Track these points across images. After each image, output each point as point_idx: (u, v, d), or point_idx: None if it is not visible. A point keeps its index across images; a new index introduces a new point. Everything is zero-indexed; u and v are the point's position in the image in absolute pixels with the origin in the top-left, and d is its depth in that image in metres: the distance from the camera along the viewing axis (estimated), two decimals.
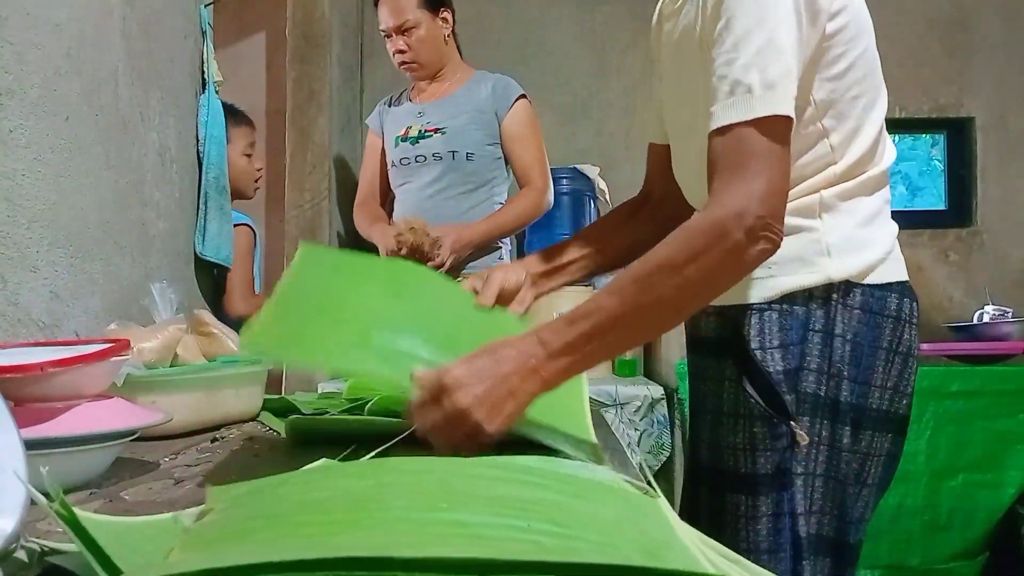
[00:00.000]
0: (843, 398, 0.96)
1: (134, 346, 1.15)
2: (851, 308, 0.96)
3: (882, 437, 1.00)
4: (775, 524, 0.96)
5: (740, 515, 0.98)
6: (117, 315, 1.45)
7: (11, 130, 1.18)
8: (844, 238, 0.96)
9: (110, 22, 1.47)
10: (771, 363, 0.95)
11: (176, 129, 1.79)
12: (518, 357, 0.79)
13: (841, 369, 0.95)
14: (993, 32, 3.16)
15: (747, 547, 0.96)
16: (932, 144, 3.31)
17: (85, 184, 1.37)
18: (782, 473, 0.95)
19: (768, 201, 0.81)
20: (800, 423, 0.95)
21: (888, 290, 0.98)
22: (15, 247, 1.19)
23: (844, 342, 0.95)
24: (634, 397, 2.39)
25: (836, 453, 0.96)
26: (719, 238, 0.80)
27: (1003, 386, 2.48)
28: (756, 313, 0.97)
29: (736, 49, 0.84)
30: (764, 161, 0.82)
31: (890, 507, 2.47)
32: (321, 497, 0.56)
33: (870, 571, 2.49)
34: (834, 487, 0.97)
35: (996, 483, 2.47)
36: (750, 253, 0.81)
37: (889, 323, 0.98)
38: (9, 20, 1.17)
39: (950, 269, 3.14)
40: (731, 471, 0.99)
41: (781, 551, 0.95)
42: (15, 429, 0.61)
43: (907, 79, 3.13)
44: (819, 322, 0.95)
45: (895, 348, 0.98)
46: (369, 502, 0.54)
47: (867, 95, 0.97)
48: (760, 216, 0.80)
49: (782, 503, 0.96)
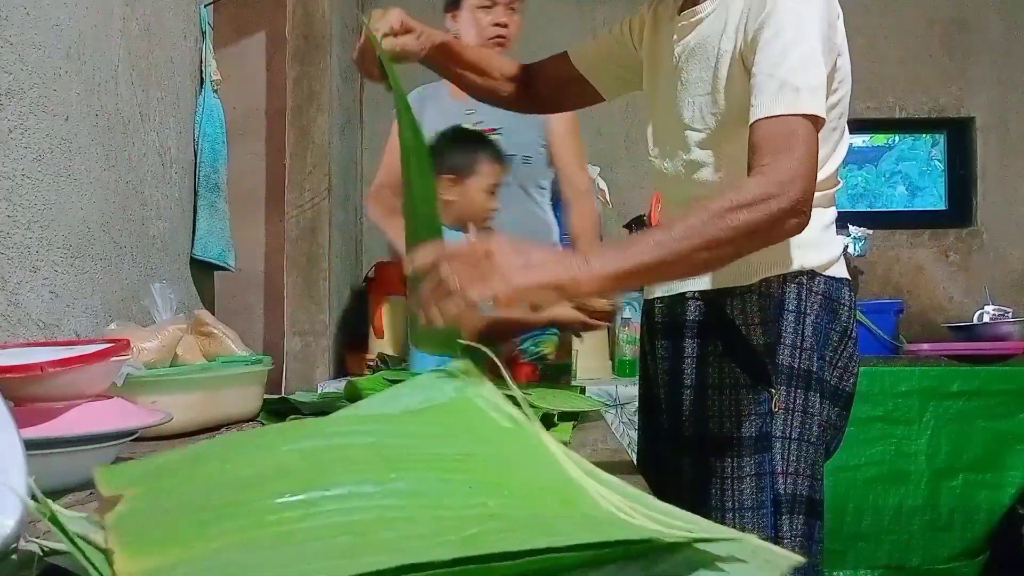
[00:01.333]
0: (814, 368, 1.09)
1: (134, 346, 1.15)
2: (815, 293, 1.10)
3: (831, 409, 1.13)
4: (758, 483, 1.07)
5: (726, 476, 1.09)
6: (117, 315, 1.46)
7: (11, 130, 1.18)
8: (811, 236, 1.06)
9: (110, 22, 1.47)
10: (754, 337, 1.09)
11: (176, 129, 1.79)
12: (560, 257, 0.89)
13: (812, 343, 1.09)
14: (993, 32, 3.16)
15: (732, 505, 1.08)
16: (932, 144, 3.31)
17: (85, 184, 1.37)
18: (763, 437, 1.07)
19: (808, 182, 0.90)
20: (778, 391, 1.08)
21: (842, 283, 1.14)
22: (15, 247, 1.19)
23: (811, 322, 1.09)
24: (634, 397, 2.38)
25: (809, 418, 1.08)
26: (766, 200, 0.88)
27: (1003, 386, 2.48)
28: (739, 296, 1.10)
29: (784, 55, 0.96)
30: (806, 149, 0.92)
31: (890, 507, 2.47)
32: (250, 475, 0.53)
33: (870, 571, 2.49)
34: (807, 449, 1.09)
35: (996, 483, 2.47)
36: (788, 223, 0.91)
37: (844, 310, 1.13)
38: (9, 20, 1.17)
39: (950, 269, 3.14)
40: (716, 437, 1.10)
41: (763, 508, 1.07)
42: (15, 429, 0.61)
43: (907, 79, 3.13)
44: (792, 303, 1.09)
45: (846, 332, 1.14)
46: (311, 478, 0.51)
47: (840, 130, 1.14)
48: (803, 192, 0.90)
49: (763, 463, 1.07)
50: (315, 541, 0.45)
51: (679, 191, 1.17)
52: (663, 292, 1.19)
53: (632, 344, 2.70)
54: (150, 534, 0.47)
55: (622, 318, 2.74)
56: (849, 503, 2.46)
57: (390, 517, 0.48)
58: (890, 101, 3.12)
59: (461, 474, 0.54)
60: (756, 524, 1.06)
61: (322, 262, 2.55)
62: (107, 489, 0.53)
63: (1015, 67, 3.15)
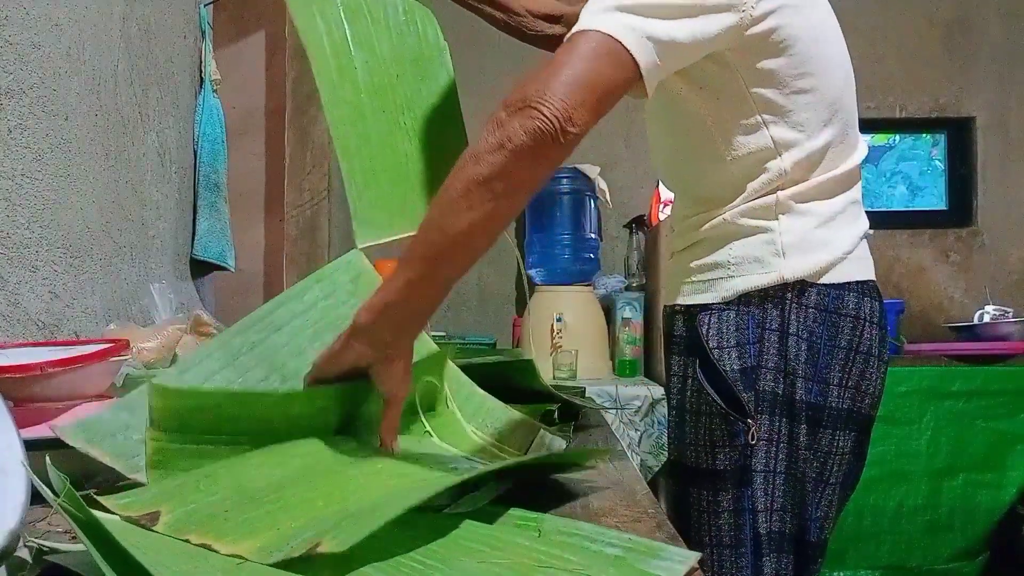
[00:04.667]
0: (799, 396, 0.97)
1: (134, 346, 1.15)
2: (806, 307, 0.97)
3: (844, 436, 0.99)
4: (736, 520, 0.98)
5: (703, 510, 1.00)
6: (117, 315, 1.45)
7: (11, 130, 1.18)
8: (799, 239, 0.97)
9: (110, 22, 1.46)
10: (727, 362, 0.97)
11: (176, 129, 1.79)
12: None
13: (796, 367, 0.96)
14: (994, 32, 3.16)
15: (710, 540, 0.99)
16: (932, 144, 3.31)
17: (85, 184, 1.37)
18: (742, 470, 0.97)
19: (553, 89, 0.75)
20: (759, 421, 0.96)
21: (846, 289, 0.98)
22: (15, 247, 1.19)
23: (799, 340, 0.96)
24: (634, 398, 2.39)
25: (795, 450, 0.97)
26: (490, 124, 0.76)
27: (1003, 386, 2.48)
28: (714, 313, 0.99)
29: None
30: (572, 58, 0.78)
31: (890, 507, 2.47)
32: (271, 473, 0.65)
33: (870, 571, 2.49)
34: (794, 484, 0.98)
35: (996, 483, 2.47)
36: (511, 130, 0.74)
37: (848, 322, 0.98)
38: (9, 20, 1.17)
39: (950, 269, 3.14)
40: (692, 467, 1.01)
41: (742, 546, 0.98)
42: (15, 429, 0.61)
43: (907, 79, 3.13)
44: (774, 321, 0.97)
45: (855, 347, 0.98)
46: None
47: (822, 91, 0.96)
48: (537, 97, 0.75)
49: (742, 499, 0.97)
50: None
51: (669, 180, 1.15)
52: (667, 300, 1.13)
53: (632, 344, 2.70)
54: (231, 524, 0.54)
55: (622, 318, 2.74)
56: (849, 503, 2.45)
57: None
58: (890, 101, 3.12)
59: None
60: (735, 563, 0.98)
61: (322, 262, 2.55)
62: (135, 510, 0.57)
63: (1015, 67, 3.15)
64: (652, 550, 0.55)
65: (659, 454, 2.39)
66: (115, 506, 0.58)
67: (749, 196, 0.97)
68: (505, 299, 3.16)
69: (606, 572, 0.51)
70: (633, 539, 0.56)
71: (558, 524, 0.60)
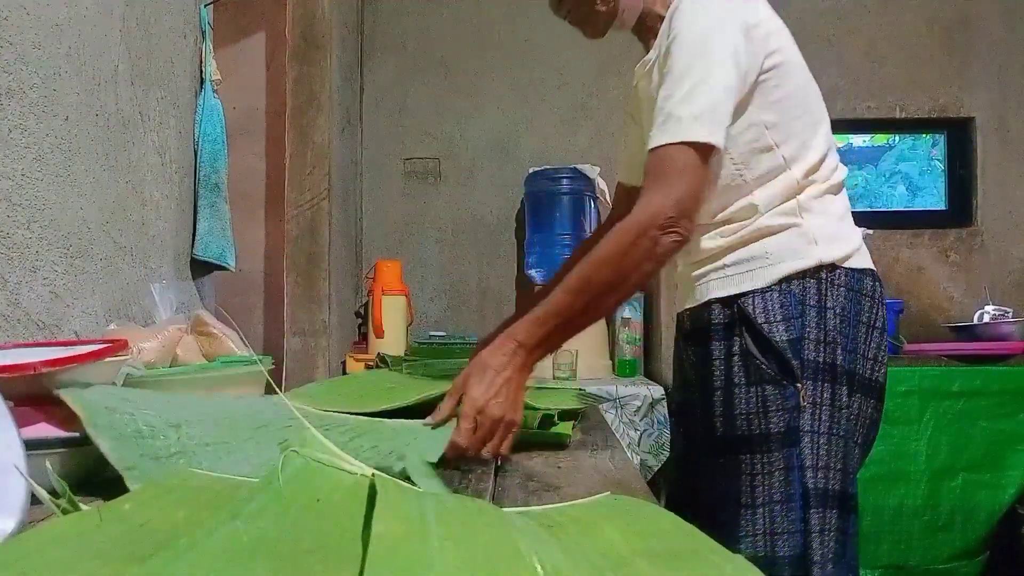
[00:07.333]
0: (839, 362, 1.11)
1: (134, 346, 1.15)
2: (837, 286, 1.13)
3: (866, 402, 1.15)
4: (787, 476, 1.10)
5: (756, 472, 1.12)
6: (117, 315, 1.45)
7: (11, 130, 1.18)
8: (826, 231, 1.15)
9: (110, 22, 1.46)
10: (777, 334, 1.12)
11: (176, 129, 1.79)
12: (510, 362, 0.98)
13: (835, 337, 1.12)
14: (993, 32, 3.16)
15: (763, 500, 1.11)
16: (932, 144, 3.31)
17: (85, 184, 1.37)
18: (791, 431, 1.10)
19: (681, 205, 1.01)
20: (804, 386, 1.10)
21: (864, 274, 1.17)
22: (15, 247, 1.19)
23: (835, 315, 1.12)
24: (634, 397, 2.39)
25: (837, 411, 1.11)
26: (638, 235, 1.00)
27: (1003, 386, 2.48)
28: (759, 295, 1.14)
29: (674, 87, 1.05)
30: (683, 173, 1.02)
31: (890, 507, 2.47)
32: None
33: (870, 571, 2.49)
34: (836, 443, 1.11)
35: (996, 483, 2.47)
36: (663, 244, 1.01)
37: (867, 301, 1.16)
38: (9, 20, 1.17)
39: (950, 269, 3.14)
40: (744, 434, 1.13)
41: (792, 501, 1.09)
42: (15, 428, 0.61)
43: (907, 79, 3.13)
44: (813, 298, 1.13)
45: (872, 323, 1.16)
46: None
47: (809, 116, 1.17)
48: (673, 216, 1.00)
49: (792, 458, 1.10)
50: None
51: None
52: (691, 304, 1.24)
53: (632, 344, 2.70)
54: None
55: (622, 317, 2.74)
56: None
57: None
58: (890, 101, 3.12)
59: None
60: (785, 518, 1.09)
61: (322, 262, 2.55)
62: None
63: (1015, 67, 3.15)
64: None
65: (659, 454, 2.38)
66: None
67: (771, 204, 1.15)
68: (505, 299, 3.16)
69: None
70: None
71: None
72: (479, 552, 0.46)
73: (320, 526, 0.50)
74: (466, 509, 0.54)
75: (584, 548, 0.53)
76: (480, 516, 0.52)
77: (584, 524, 0.60)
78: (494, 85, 3.16)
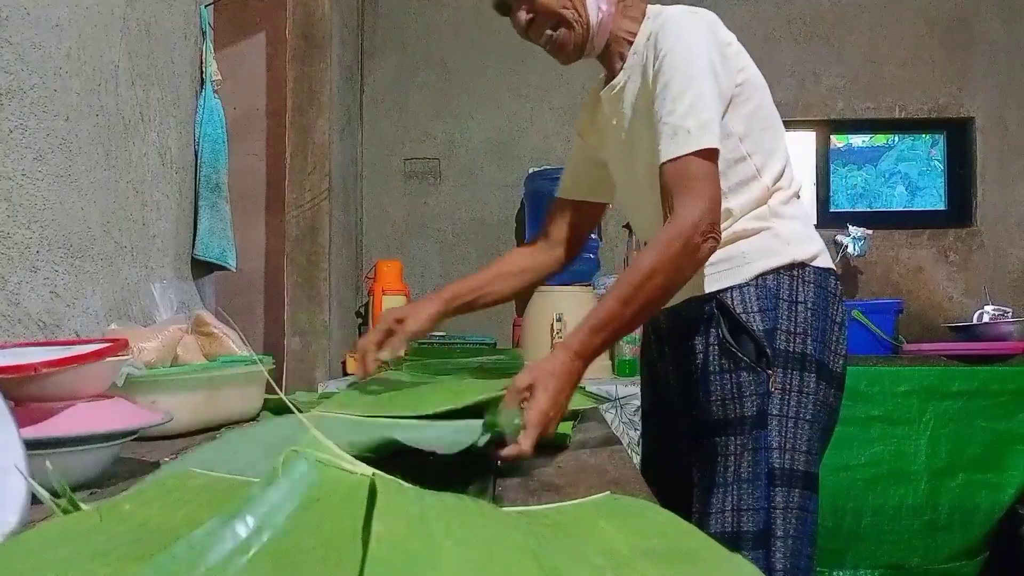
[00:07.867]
0: (808, 351, 1.20)
1: (134, 346, 1.15)
2: (807, 283, 1.23)
3: (828, 391, 1.22)
4: (754, 457, 1.18)
5: (729, 453, 1.20)
6: (117, 315, 1.46)
7: (11, 130, 1.18)
8: (797, 233, 1.25)
9: (110, 22, 1.47)
10: (754, 324, 1.20)
11: (176, 129, 1.79)
12: (570, 374, 1.03)
13: (806, 328, 1.21)
14: (993, 32, 3.16)
15: (732, 479, 1.18)
16: (932, 144, 3.31)
17: (85, 184, 1.37)
18: (762, 415, 1.18)
19: (712, 212, 1.10)
20: (775, 372, 1.19)
21: (829, 272, 1.26)
22: (15, 247, 1.19)
23: (805, 308, 1.21)
24: (634, 397, 2.39)
25: (805, 397, 1.19)
26: (684, 243, 1.08)
27: (1003, 386, 2.48)
28: (737, 289, 1.22)
29: (675, 103, 1.13)
30: (705, 182, 1.11)
31: (890, 507, 2.47)
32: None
33: (870, 571, 2.49)
34: (803, 426, 1.19)
35: (996, 483, 2.47)
36: (703, 250, 1.10)
37: (832, 299, 1.25)
38: (9, 20, 1.17)
39: (950, 269, 3.14)
40: (719, 419, 1.21)
41: (758, 479, 1.17)
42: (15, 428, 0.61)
43: (907, 79, 3.13)
44: (785, 292, 1.21)
45: (835, 319, 1.25)
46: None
47: (772, 129, 1.27)
48: (710, 223, 1.09)
49: (760, 439, 1.18)
50: None
51: (650, 222, 1.29)
52: (670, 303, 1.25)
53: (632, 344, 2.70)
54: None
55: None
56: (849, 503, 2.46)
57: None
58: (890, 101, 3.12)
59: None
60: (751, 495, 1.16)
61: (322, 262, 2.55)
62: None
63: (1015, 67, 3.15)
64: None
65: None
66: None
67: (745, 210, 1.23)
68: None
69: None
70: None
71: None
72: (479, 552, 0.46)
73: (320, 526, 0.49)
74: (466, 509, 0.54)
75: (584, 548, 0.53)
76: (480, 516, 0.52)
77: (584, 524, 0.60)
78: (494, 85, 3.16)
